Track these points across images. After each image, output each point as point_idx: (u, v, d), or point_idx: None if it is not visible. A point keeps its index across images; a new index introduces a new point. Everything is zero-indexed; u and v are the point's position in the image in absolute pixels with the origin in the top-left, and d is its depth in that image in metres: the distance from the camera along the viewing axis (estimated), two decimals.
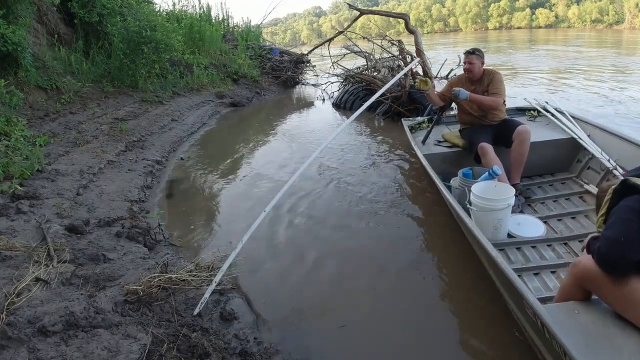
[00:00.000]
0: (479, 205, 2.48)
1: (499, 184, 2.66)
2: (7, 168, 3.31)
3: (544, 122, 3.83)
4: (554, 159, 3.40)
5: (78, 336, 1.72)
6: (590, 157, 3.19)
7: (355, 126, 6.17)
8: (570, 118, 3.62)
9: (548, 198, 3.07)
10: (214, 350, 1.81)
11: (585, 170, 3.25)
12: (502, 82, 3.23)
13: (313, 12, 76.15)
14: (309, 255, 2.81)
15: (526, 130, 3.04)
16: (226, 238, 3.09)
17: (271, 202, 2.43)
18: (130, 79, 6.79)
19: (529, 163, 3.11)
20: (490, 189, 2.59)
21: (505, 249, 2.44)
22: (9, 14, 4.77)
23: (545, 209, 2.94)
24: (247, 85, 9.66)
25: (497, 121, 3.29)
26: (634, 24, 29.51)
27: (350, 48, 9.14)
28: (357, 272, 2.60)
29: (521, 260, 2.35)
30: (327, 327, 2.14)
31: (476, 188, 2.56)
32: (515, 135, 3.05)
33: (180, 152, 5.39)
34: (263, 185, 4.14)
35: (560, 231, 2.62)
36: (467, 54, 3.28)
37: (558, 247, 2.44)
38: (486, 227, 2.45)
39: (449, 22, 51.83)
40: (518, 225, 2.66)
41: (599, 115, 5.47)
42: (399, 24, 27.80)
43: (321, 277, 2.58)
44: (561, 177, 3.36)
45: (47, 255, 2.33)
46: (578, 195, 3.06)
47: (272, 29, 61.45)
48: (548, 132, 3.55)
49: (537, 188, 3.28)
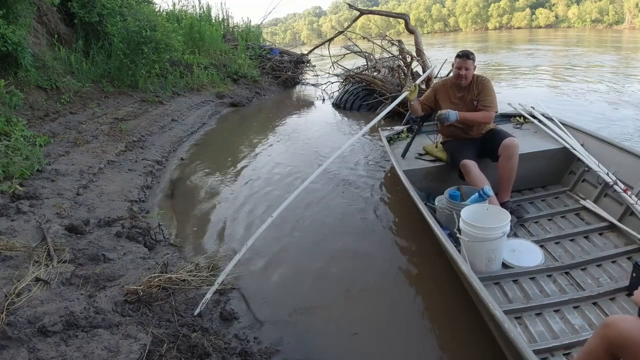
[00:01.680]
0: (470, 235, 2.15)
1: (491, 207, 2.37)
2: (7, 168, 3.31)
3: (532, 130, 3.57)
4: (545, 170, 3.16)
5: (78, 336, 1.72)
6: (585, 169, 2.96)
7: (356, 127, 6.17)
8: (561, 125, 3.38)
9: (542, 216, 2.81)
10: (214, 350, 1.81)
11: (580, 183, 3.01)
12: (493, 91, 2.91)
13: (313, 12, 76.12)
14: (310, 257, 2.81)
15: (513, 144, 2.72)
16: (226, 238, 3.10)
17: (279, 208, 2.43)
18: (130, 79, 6.79)
19: (518, 175, 2.83)
20: (482, 214, 2.31)
21: (500, 282, 2.16)
22: (9, 14, 4.76)
23: (540, 230, 2.67)
24: (247, 85, 9.65)
25: (483, 133, 3.00)
26: (634, 24, 29.51)
27: (350, 48, 9.14)
28: (357, 273, 2.60)
29: (521, 298, 2.06)
30: (327, 327, 2.14)
31: (466, 214, 2.26)
32: (501, 150, 2.74)
33: (181, 152, 5.39)
34: (263, 185, 4.14)
35: (559, 257, 2.36)
36: (462, 58, 2.86)
37: (559, 277, 2.17)
38: (478, 259, 2.19)
39: (449, 22, 51.84)
40: (513, 252, 2.37)
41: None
42: (399, 24, 27.81)
43: (322, 277, 2.58)
44: (554, 191, 3.11)
45: (47, 255, 2.33)
46: (574, 212, 2.80)
47: (272, 29, 61.46)
48: (538, 142, 3.28)
49: (529, 204, 3.01)
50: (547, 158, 3.13)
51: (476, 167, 2.70)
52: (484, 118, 2.89)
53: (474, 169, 2.69)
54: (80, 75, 6.21)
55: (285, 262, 2.76)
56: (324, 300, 2.36)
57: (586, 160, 2.90)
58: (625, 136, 4.75)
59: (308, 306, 2.31)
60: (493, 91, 2.91)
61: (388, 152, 3.58)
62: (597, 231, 2.52)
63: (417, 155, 3.37)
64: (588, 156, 2.95)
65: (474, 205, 2.37)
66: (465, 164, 2.71)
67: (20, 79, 4.94)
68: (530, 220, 2.78)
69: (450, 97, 3.00)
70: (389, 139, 3.91)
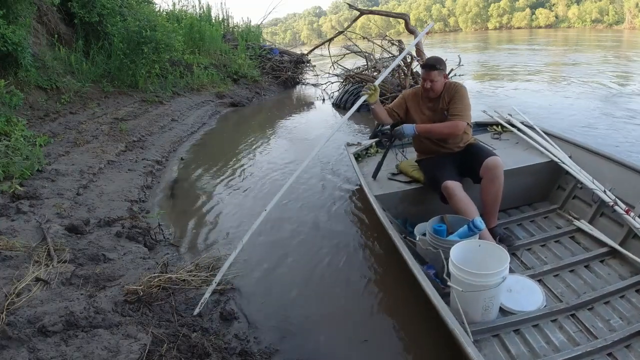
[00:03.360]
0: (465, 283, 1.79)
1: (484, 244, 2.02)
2: (7, 168, 3.31)
3: (512, 141, 3.27)
4: (531, 186, 2.88)
5: (78, 336, 1.72)
6: (577, 186, 2.69)
7: (356, 127, 6.17)
8: (544, 135, 3.10)
9: (534, 242, 2.49)
10: (214, 350, 1.81)
11: (571, 200, 2.74)
12: (465, 99, 2.55)
13: (313, 12, 76.14)
14: (310, 257, 2.81)
15: (496, 165, 2.38)
16: (226, 238, 3.10)
17: (271, 202, 2.42)
18: (130, 79, 6.79)
19: (502, 194, 2.52)
20: (474, 252, 1.97)
21: (500, 334, 1.84)
22: (9, 14, 4.77)
23: (535, 260, 2.36)
24: (247, 85, 9.66)
25: (462, 147, 2.66)
26: (634, 24, 29.50)
27: (350, 48, 9.15)
28: (357, 273, 2.60)
29: (527, 355, 1.74)
30: (327, 327, 2.14)
31: (456, 255, 1.89)
32: (483, 171, 2.41)
33: (181, 152, 5.39)
34: (263, 185, 4.14)
35: (562, 295, 2.06)
36: (426, 69, 2.56)
37: (566, 322, 1.88)
38: (474, 308, 1.85)
39: (449, 22, 51.85)
40: (510, 292, 2.04)
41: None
42: (399, 24, 27.80)
43: (322, 278, 2.58)
44: (543, 210, 2.80)
45: (47, 255, 2.33)
46: (569, 235, 2.52)
47: (272, 29, 61.48)
48: (521, 155, 2.98)
49: (517, 226, 2.71)
50: (534, 173, 2.84)
51: (461, 190, 2.37)
52: (450, 128, 2.53)
53: (459, 191, 2.36)
54: (80, 75, 6.21)
55: (285, 262, 2.76)
56: (324, 301, 2.36)
57: (579, 176, 2.63)
58: (602, 140, 4.60)
59: (308, 306, 2.31)
60: (465, 99, 2.55)
61: (356, 173, 3.11)
62: (597, 258, 2.27)
63: (390, 176, 2.98)
64: (580, 171, 2.67)
65: (464, 242, 1.99)
66: (448, 186, 2.37)
67: (20, 79, 4.94)
68: (521, 247, 2.46)
69: (420, 107, 2.70)
70: (356, 156, 3.42)
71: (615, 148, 4.23)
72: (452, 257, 1.86)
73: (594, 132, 5.02)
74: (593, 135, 4.83)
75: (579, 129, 5.13)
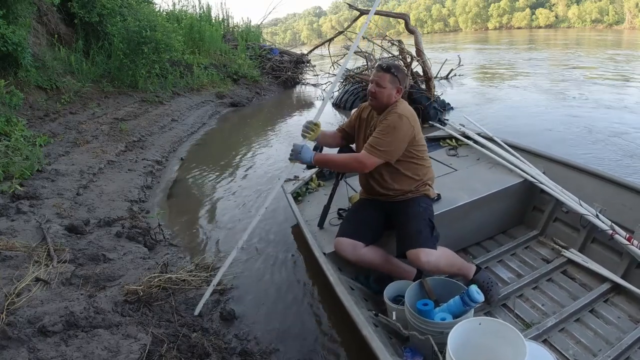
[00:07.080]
0: None
1: (486, 321, 1.47)
2: (7, 168, 3.31)
3: (473, 157, 2.82)
4: (503, 212, 2.47)
5: (78, 336, 1.72)
6: (555, 206, 2.35)
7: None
8: (508, 148, 2.71)
9: (524, 285, 2.06)
10: (214, 350, 1.81)
11: (552, 224, 2.38)
12: (394, 130, 1.92)
13: (313, 12, 76.19)
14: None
15: (420, 260, 1.77)
16: (226, 238, 3.09)
17: (265, 202, 2.36)
18: (130, 79, 6.79)
19: (471, 227, 2.24)
20: (476, 335, 1.44)
21: None
22: (9, 14, 4.77)
23: (530, 310, 1.94)
24: (247, 85, 9.66)
25: (394, 200, 2.06)
26: (634, 24, 29.51)
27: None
28: None
29: None
30: (328, 327, 2.14)
31: (456, 345, 1.36)
32: (412, 264, 1.86)
33: (181, 152, 5.39)
34: (263, 184, 4.14)
35: (574, 357, 1.68)
36: (377, 69, 2.04)
37: None
38: None
39: (449, 22, 51.89)
40: None
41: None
42: (399, 24, 27.78)
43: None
44: (523, 239, 2.39)
45: (47, 255, 2.33)
46: (560, 269, 2.13)
47: (272, 29, 61.52)
48: (487, 176, 2.53)
49: (497, 263, 2.27)
50: (507, 197, 2.43)
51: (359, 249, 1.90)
52: (351, 163, 2.01)
53: (351, 252, 1.91)
54: (80, 75, 6.21)
55: (285, 262, 2.76)
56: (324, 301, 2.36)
57: (559, 196, 2.26)
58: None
59: (309, 306, 2.31)
60: (394, 130, 1.92)
61: (297, 219, 2.47)
62: (601, 299, 1.92)
63: (339, 217, 2.44)
64: (561, 190, 2.29)
65: (461, 324, 1.44)
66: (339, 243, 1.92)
67: (20, 79, 4.94)
68: (511, 294, 2.02)
69: (368, 123, 2.16)
70: (294, 195, 2.80)
71: (584, 155, 4.03)
72: (451, 350, 1.33)
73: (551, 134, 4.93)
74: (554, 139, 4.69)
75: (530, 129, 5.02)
